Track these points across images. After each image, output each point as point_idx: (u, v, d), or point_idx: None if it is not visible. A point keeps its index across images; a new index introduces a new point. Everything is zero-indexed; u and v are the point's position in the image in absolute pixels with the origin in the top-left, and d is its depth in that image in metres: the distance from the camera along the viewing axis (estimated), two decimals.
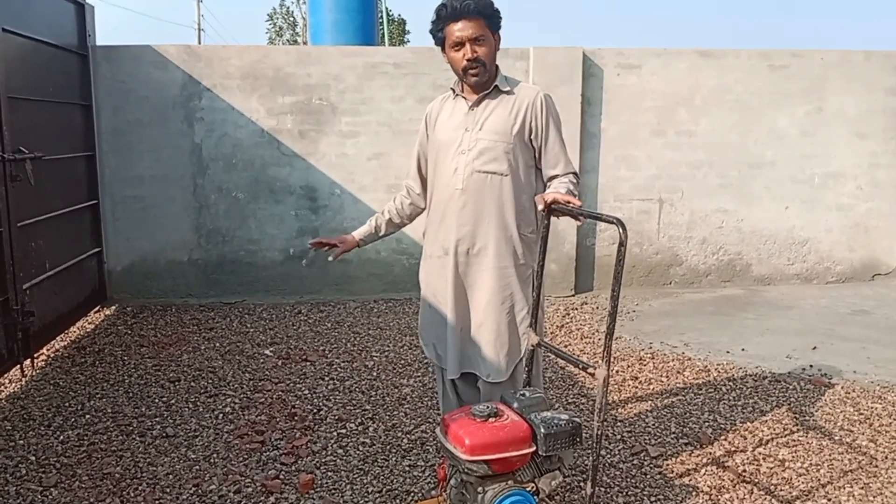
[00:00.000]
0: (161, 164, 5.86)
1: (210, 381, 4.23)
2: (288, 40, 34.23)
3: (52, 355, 4.67)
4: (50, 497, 2.97)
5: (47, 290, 4.71)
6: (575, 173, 2.76)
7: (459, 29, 2.64)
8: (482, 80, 2.70)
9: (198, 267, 6.00)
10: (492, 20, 2.67)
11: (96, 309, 5.70)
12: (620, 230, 2.19)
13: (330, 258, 3.02)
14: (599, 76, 6.16)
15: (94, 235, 5.76)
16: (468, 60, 2.65)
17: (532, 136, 2.73)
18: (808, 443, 3.45)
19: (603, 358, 2.28)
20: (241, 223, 5.98)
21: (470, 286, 2.78)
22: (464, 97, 2.77)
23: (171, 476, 3.15)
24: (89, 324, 5.36)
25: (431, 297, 2.88)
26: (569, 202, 2.47)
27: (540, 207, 2.55)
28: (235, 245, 6.00)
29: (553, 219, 2.60)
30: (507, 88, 2.74)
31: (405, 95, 5.95)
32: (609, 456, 3.32)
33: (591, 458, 2.31)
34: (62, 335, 5.02)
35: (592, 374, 2.30)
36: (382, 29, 11.11)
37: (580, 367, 2.38)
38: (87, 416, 3.75)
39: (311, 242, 3.09)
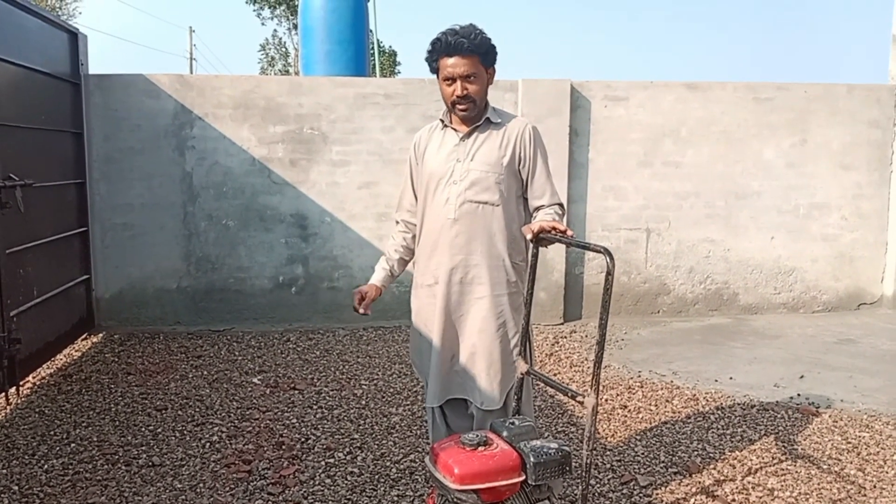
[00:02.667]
0: (152, 192, 5.87)
1: (197, 409, 4.20)
2: (280, 70, 34.48)
3: (37, 383, 4.62)
4: None
5: (35, 318, 4.68)
6: (560, 204, 2.80)
7: (452, 65, 2.67)
8: (471, 114, 2.74)
9: (186, 294, 5.98)
10: (486, 57, 2.71)
11: (84, 336, 5.66)
12: (608, 259, 2.20)
13: (362, 312, 2.92)
14: (587, 108, 6.24)
15: (83, 263, 5.74)
16: (458, 97, 2.69)
17: (520, 167, 2.77)
18: (796, 472, 3.46)
19: (592, 386, 2.29)
20: (230, 251, 5.98)
21: (462, 314, 2.78)
22: (454, 129, 2.80)
23: None
24: (76, 351, 5.33)
25: (422, 325, 2.89)
26: (554, 228, 2.50)
27: (528, 237, 2.58)
28: (225, 273, 6.00)
29: (542, 248, 2.63)
30: (498, 121, 2.78)
31: (395, 126, 6.01)
32: (598, 485, 3.31)
33: (580, 487, 2.30)
34: (49, 363, 4.98)
35: (581, 403, 2.30)
36: (373, 60, 11.23)
37: (569, 395, 2.38)
38: (73, 445, 3.71)
39: (359, 311, 2.93)
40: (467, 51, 2.64)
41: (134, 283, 5.93)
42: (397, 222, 3.03)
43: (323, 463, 3.54)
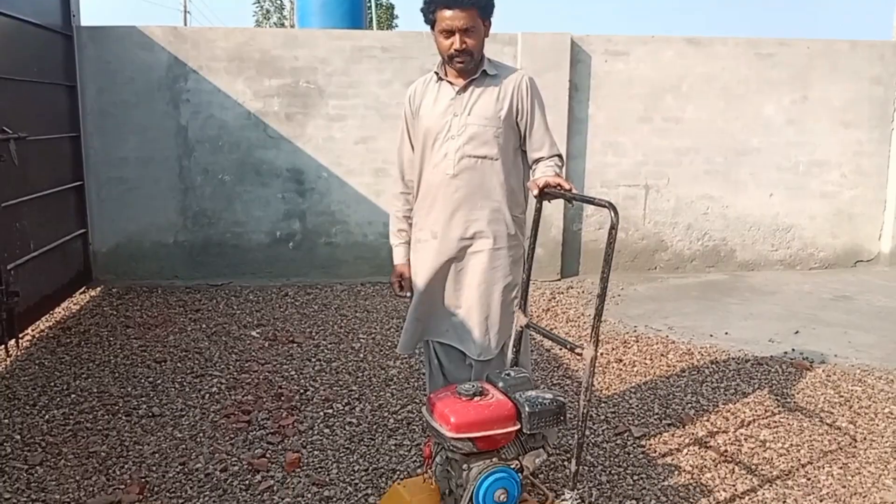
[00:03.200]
0: (147, 146, 5.83)
1: (196, 361, 4.24)
2: (275, 23, 33.94)
3: (37, 336, 4.65)
4: (35, 475, 2.97)
5: (32, 271, 4.68)
6: (559, 155, 2.77)
7: (450, 18, 2.61)
8: (468, 67, 2.69)
9: (183, 249, 5.98)
10: (485, 10, 2.65)
11: (81, 290, 5.68)
12: (612, 213, 2.23)
13: (408, 294, 2.93)
14: (587, 62, 6.16)
15: (79, 217, 5.73)
16: (456, 50, 2.64)
17: (518, 119, 2.73)
18: (788, 424, 3.50)
19: (591, 338, 2.31)
20: (227, 205, 5.96)
21: (462, 268, 2.78)
22: (449, 82, 2.75)
23: (157, 455, 3.15)
24: (74, 305, 5.34)
25: (422, 281, 2.88)
26: (559, 185, 2.50)
27: (534, 193, 2.56)
28: (221, 227, 5.99)
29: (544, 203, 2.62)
30: (494, 73, 2.73)
31: (392, 79, 5.93)
32: (593, 436, 3.36)
33: (575, 436, 2.33)
34: (47, 316, 5.00)
35: (580, 355, 2.32)
36: (370, 13, 11.05)
37: (568, 347, 2.40)
38: (73, 396, 3.74)
39: (405, 295, 2.96)
40: (467, 3, 2.58)
41: (130, 238, 5.92)
42: (396, 181, 2.97)
43: (321, 414, 3.58)
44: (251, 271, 6.04)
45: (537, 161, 2.76)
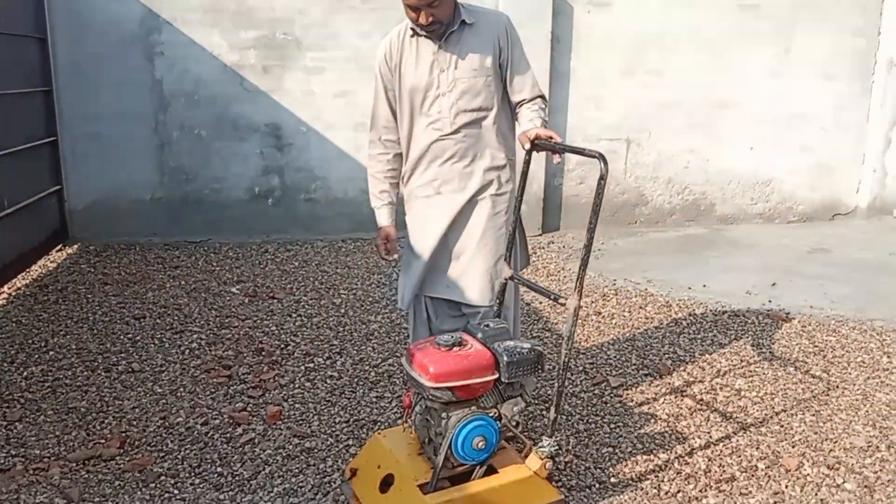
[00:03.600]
0: (121, 101, 5.70)
1: (176, 317, 4.22)
2: None
3: (13, 294, 4.60)
4: (15, 431, 2.96)
5: (6, 229, 4.61)
6: (543, 97, 2.74)
7: None
8: (440, 31, 2.60)
9: (161, 206, 5.90)
10: None
11: (58, 248, 5.61)
12: (602, 164, 2.25)
13: (394, 257, 2.93)
14: (569, 13, 6.08)
15: (54, 173, 5.63)
16: (422, 25, 2.55)
17: (501, 61, 2.69)
18: (763, 373, 3.56)
19: (575, 289, 2.33)
20: (204, 161, 5.88)
21: (464, 220, 2.73)
22: (427, 36, 2.65)
23: (137, 409, 3.16)
24: (51, 263, 5.28)
25: (420, 237, 2.78)
26: (551, 137, 2.49)
27: (526, 147, 2.54)
28: (199, 184, 5.91)
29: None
30: (472, 21, 2.66)
31: (373, 31, 5.82)
32: (571, 386, 3.40)
33: (556, 385, 2.36)
34: (23, 274, 4.95)
35: (564, 304, 2.34)
36: None
37: (552, 298, 2.41)
38: (51, 353, 3.72)
39: (390, 258, 2.95)
40: None
41: (107, 195, 5.83)
42: (373, 142, 2.84)
43: (302, 368, 3.59)
44: (230, 228, 5.98)
45: (520, 104, 2.72)
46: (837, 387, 3.43)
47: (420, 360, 2.26)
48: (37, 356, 3.68)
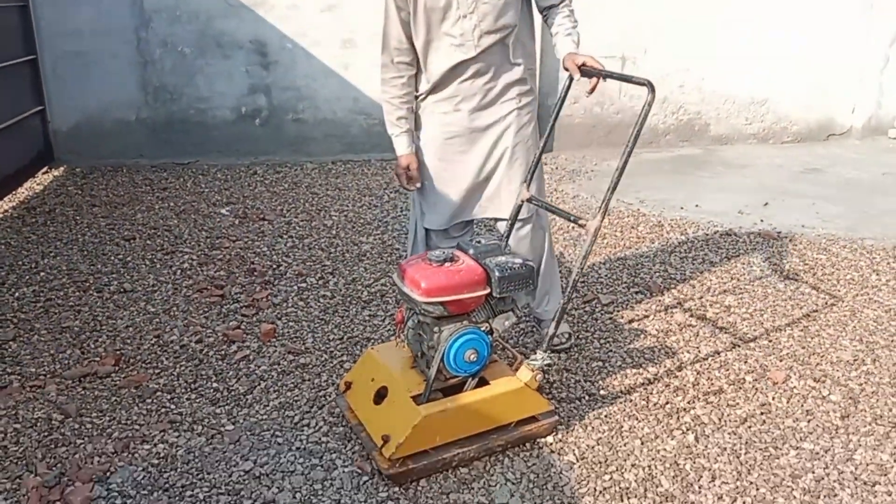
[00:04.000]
0: (101, 17, 5.50)
1: (166, 239, 4.19)
2: None
3: (0, 216, 4.54)
4: (9, 350, 2.97)
5: None
6: (571, 9, 2.63)
7: None
8: None
9: (147, 126, 5.79)
10: None
11: (44, 170, 5.52)
12: (650, 91, 2.25)
13: (416, 186, 2.75)
14: None
15: (35, 93, 5.48)
16: None
17: None
18: (753, 291, 3.59)
19: (599, 210, 2.34)
20: (188, 80, 5.73)
21: (488, 139, 2.66)
22: None
23: (130, 329, 3.16)
24: (38, 185, 5.21)
25: (442, 161, 2.69)
26: (594, 66, 2.41)
27: (577, 77, 2.45)
28: (184, 103, 5.78)
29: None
30: None
31: None
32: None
33: (561, 302, 2.38)
34: (10, 196, 4.88)
35: (583, 226, 2.34)
36: None
37: (571, 220, 2.42)
38: (42, 274, 3.70)
39: (412, 187, 2.75)
40: None
41: (91, 115, 5.71)
42: (386, 66, 2.64)
43: (295, 287, 3.59)
44: (217, 149, 5.89)
45: (549, 9, 2.60)
46: (826, 304, 3.47)
47: (412, 275, 2.25)
48: (28, 277, 3.67)
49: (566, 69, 2.49)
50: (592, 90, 2.49)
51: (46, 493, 2.15)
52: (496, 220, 2.81)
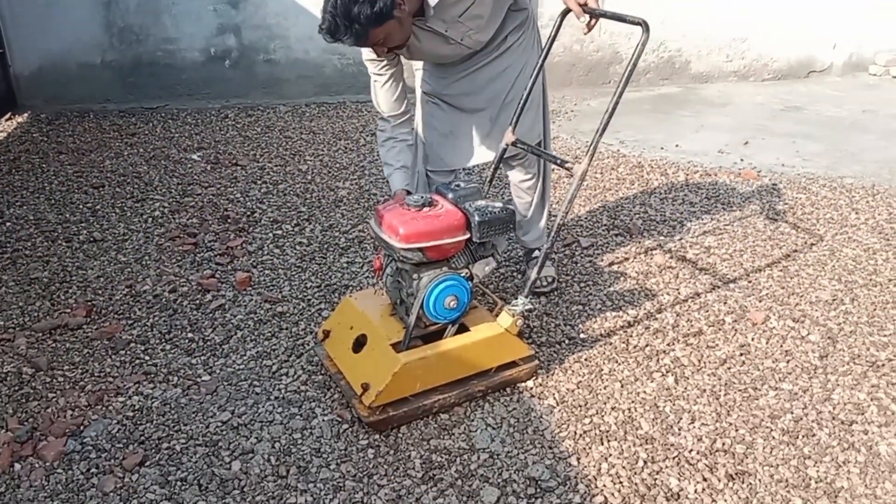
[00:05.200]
0: None
1: (136, 186, 4.08)
2: None
3: None
4: None
5: None
6: None
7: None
8: (405, 41, 2.31)
9: (113, 70, 5.58)
10: (382, 19, 2.12)
11: (7, 117, 5.32)
12: (644, 31, 2.20)
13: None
14: None
15: None
16: (385, 55, 2.35)
17: None
18: (733, 231, 3.58)
19: (587, 153, 2.29)
20: (154, 20, 5.50)
21: (480, 81, 2.59)
22: (417, 25, 2.33)
23: (101, 279, 3.09)
24: (1, 132, 5.02)
25: (437, 114, 2.66)
26: (595, 7, 2.33)
27: (582, 20, 2.35)
28: (151, 45, 5.56)
29: None
30: None
31: None
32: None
33: (543, 247, 2.34)
34: None
35: (570, 170, 2.29)
36: None
37: (558, 163, 2.37)
38: (8, 224, 3.59)
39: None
40: (361, 35, 2.15)
41: (54, 58, 5.48)
42: (383, 132, 2.57)
43: (270, 235, 3.52)
44: (187, 92, 5.70)
45: None
46: (806, 243, 3.46)
47: (389, 221, 2.20)
48: None
49: (565, 3, 2.39)
50: (590, 30, 2.41)
51: (18, 448, 2.11)
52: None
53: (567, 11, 2.39)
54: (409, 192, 2.44)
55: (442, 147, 2.69)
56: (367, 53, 2.41)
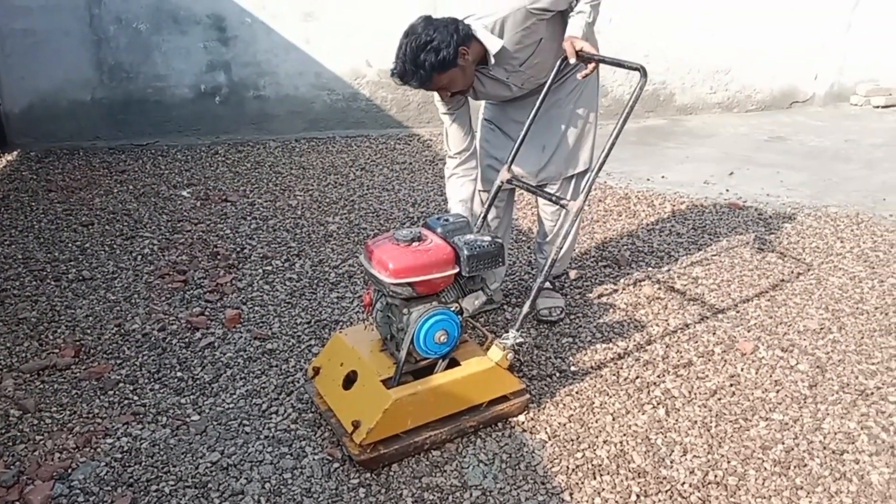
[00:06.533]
0: None
1: (125, 223, 4.08)
2: None
3: None
4: None
5: None
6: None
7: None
8: (469, 87, 2.56)
9: (103, 107, 5.61)
10: (447, 65, 2.35)
11: None
12: (642, 76, 2.28)
13: None
14: None
15: None
16: (449, 99, 2.56)
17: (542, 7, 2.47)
18: (720, 261, 3.61)
19: (583, 190, 2.39)
20: (145, 58, 5.55)
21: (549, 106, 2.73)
22: (479, 71, 2.55)
23: (90, 318, 3.07)
24: None
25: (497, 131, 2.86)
26: (591, 53, 2.40)
27: (572, 61, 2.42)
28: (141, 82, 5.60)
29: None
30: (497, 46, 2.43)
31: None
32: (529, 279, 3.40)
33: (537, 281, 2.36)
34: None
35: (565, 206, 2.43)
36: None
37: (553, 200, 2.54)
38: None
39: None
40: (426, 79, 2.36)
41: (44, 96, 5.51)
42: (452, 168, 2.73)
43: (260, 270, 3.52)
44: (177, 129, 5.73)
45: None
46: (792, 272, 3.49)
47: (379, 256, 2.21)
48: None
49: (564, 49, 2.45)
50: (586, 76, 2.47)
51: (4, 493, 2.08)
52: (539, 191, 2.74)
53: (566, 57, 2.44)
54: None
55: (492, 171, 2.83)
56: (437, 95, 2.61)
